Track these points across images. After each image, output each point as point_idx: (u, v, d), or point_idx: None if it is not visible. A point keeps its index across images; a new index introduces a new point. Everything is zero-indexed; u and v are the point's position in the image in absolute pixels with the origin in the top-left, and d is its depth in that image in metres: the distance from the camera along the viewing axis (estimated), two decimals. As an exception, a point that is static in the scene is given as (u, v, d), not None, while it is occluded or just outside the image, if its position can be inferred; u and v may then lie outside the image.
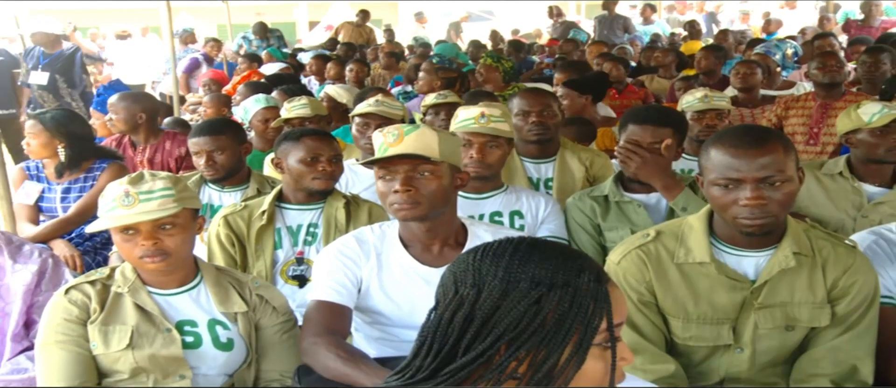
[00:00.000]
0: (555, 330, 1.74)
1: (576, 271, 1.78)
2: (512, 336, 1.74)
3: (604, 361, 1.77)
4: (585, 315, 1.75)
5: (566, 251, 1.83)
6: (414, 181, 3.21)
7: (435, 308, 1.87)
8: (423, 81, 8.95)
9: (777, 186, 2.88)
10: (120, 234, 3.15)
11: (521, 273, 1.77)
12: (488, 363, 1.77)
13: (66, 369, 3.10)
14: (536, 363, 1.75)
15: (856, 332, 3.01)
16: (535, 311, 1.74)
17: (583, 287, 1.76)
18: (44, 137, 5.70)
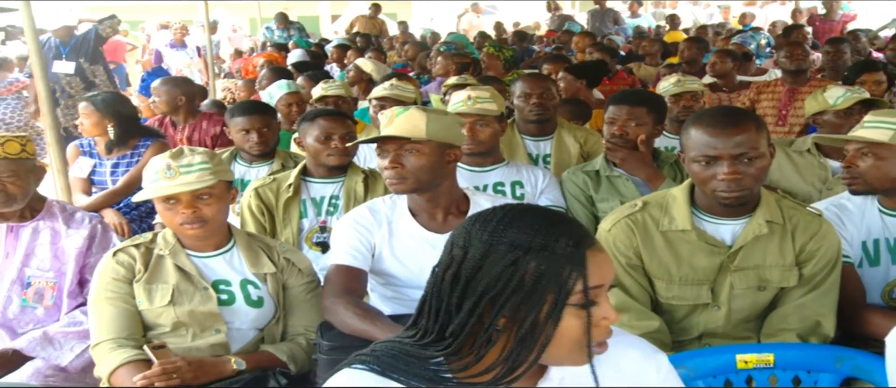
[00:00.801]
0: (532, 290, 1.72)
1: (555, 236, 1.75)
2: (493, 295, 1.73)
3: (582, 320, 1.74)
4: (560, 277, 1.72)
5: (552, 218, 1.80)
6: (401, 158, 3.26)
7: (436, 267, 1.85)
8: (440, 66, 8.98)
9: (751, 162, 2.89)
10: (162, 203, 3.19)
11: (503, 236, 1.75)
12: (481, 322, 1.75)
13: (115, 322, 3.15)
14: (518, 320, 1.73)
15: (820, 291, 3.03)
16: (511, 271, 1.72)
17: (559, 251, 1.73)
18: (95, 117, 5.73)
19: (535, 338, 1.73)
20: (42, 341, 3.61)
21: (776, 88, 7.32)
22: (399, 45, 13.28)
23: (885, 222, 3.40)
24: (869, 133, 3.33)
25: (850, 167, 3.40)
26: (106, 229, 3.99)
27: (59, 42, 9.62)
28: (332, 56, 12.36)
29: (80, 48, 9.44)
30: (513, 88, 5.36)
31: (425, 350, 1.81)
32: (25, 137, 3.79)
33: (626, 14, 18.43)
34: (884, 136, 3.27)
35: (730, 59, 8.48)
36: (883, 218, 3.41)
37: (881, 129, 3.30)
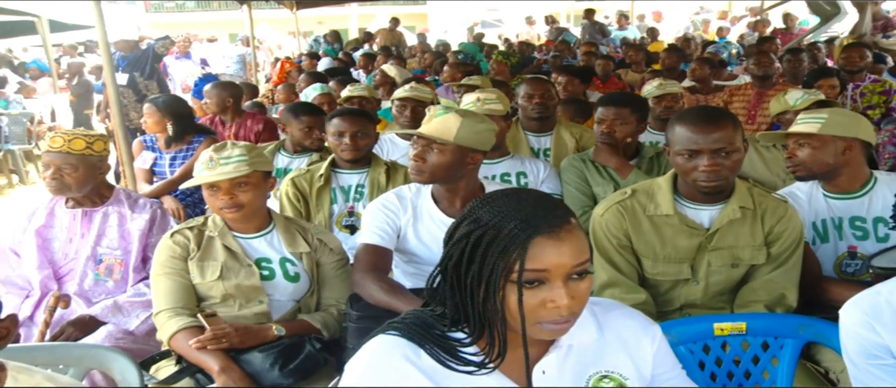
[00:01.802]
0: (482, 261, 1.69)
1: (508, 218, 1.69)
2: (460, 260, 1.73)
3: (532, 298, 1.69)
4: (499, 254, 1.67)
5: (523, 203, 1.74)
6: (425, 154, 3.24)
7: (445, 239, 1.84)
8: (447, 74, 8.98)
9: (728, 155, 2.93)
10: (206, 190, 3.22)
11: (474, 213, 1.74)
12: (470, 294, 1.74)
13: (173, 294, 3.16)
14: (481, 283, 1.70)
15: (785, 268, 3.04)
16: (465, 242, 1.71)
17: (504, 231, 1.68)
18: (156, 117, 5.83)
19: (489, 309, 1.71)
20: (113, 309, 3.66)
21: (746, 91, 7.36)
22: (419, 55, 13.27)
23: (829, 205, 3.46)
24: (801, 127, 3.45)
25: (792, 157, 3.49)
26: (165, 213, 4.04)
27: (120, 56, 9.43)
28: (359, 63, 12.34)
29: (137, 63, 9.21)
30: (517, 90, 5.36)
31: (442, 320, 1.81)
32: (95, 137, 3.83)
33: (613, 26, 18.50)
34: (813, 128, 3.38)
35: (707, 66, 8.58)
36: (827, 201, 3.47)
37: (811, 123, 3.41)
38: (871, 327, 2.21)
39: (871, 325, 2.21)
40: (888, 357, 2.21)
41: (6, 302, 3.40)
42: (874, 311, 2.22)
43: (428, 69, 11.34)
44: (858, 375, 2.29)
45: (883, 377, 2.22)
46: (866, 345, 2.23)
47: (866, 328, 2.22)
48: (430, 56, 12.44)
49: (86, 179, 3.78)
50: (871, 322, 2.21)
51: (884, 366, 2.22)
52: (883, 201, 3.38)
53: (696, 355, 2.68)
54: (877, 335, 2.20)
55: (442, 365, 1.76)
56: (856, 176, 3.43)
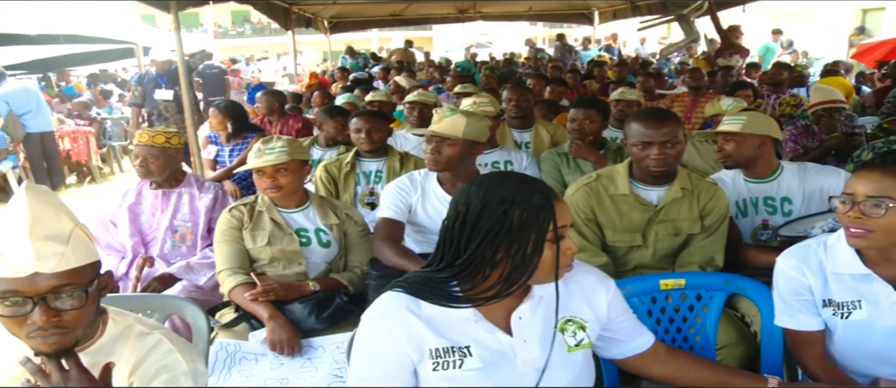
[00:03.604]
0: (519, 232, 1.71)
1: (531, 192, 1.73)
2: (491, 237, 1.71)
3: (554, 250, 1.73)
4: (538, 221, 1.71)
5: (526, 179, 1.79)
6: (440, 148, 3.24)
7: (445, 219, 1.83)
8: (449, 83, 9.11)
9: (673, 146, 2.96)
10: (255, 174, 3.22)
11: (494, 194, 1.73)
12: (483, 256, 1.73)
13: (230, 257, 3.16)
14: (511, 254, 1.72)
15: (715, 236, 3.05)
16: (503, 219, 1.71)
17: (535, 203, 1.71)
18: (219, 117, 5.85)
19: (526, 266, 1.72)
20: (186, 268, 3.68)
21: (683, 98, 7.47)
22: (426, 69, 13.24)
23: (748, 187, 3.49)
24: (727, 126, 3.47)
25: (721, 150, 3.52)
26: (225, 193, 4.06)
27: (156, 74, 8.94)
28: (379, 75, 12.34)
29: (175, 78, 8.54)
30: (503, 96, 5.39)
31: (441, 275, 1.79)
32: (173, 133, 3.90)
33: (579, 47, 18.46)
34: (736, 127, 3.41)
35: (651, 79, 8.69)
36: (746, 184, 3.49)
37: (735, 123, 3.44)
38: (802, 271, 2.27)
39: (801, 269, 2.28)
40: (808, 294, 2.28)
41: (106, 262, 3.67)
42: (805, 259, 2.29)
43: (433, 80, 11.29)
44: (783, 306, 2.34)
45: (801, 308, 2.29)
46: (795, 285, 2.29)
47: (798, 271, 2.28)
48: (434, 70, 12.40)
49: (165, 167, 3.84)
50: (802, 267, 2.28)
51: (804, 301, 2.29)
52: (787, 185, 3.42)
53: (646, 305, 2.66)
54: (804, 277, 2.27)
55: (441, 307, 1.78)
56: (768, 165, 3.45)
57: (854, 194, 2.09)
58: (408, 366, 1.77)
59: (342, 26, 16.14)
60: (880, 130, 5.63)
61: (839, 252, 2.22)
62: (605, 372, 2.47)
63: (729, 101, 5.11)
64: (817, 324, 2.29)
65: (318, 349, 2.89)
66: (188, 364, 1.79)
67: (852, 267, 2.19)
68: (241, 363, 2.84)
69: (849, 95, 8.20)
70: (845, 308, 2.22)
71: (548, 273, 1.76)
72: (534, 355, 1.81)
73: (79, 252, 1.62)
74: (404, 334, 1.75)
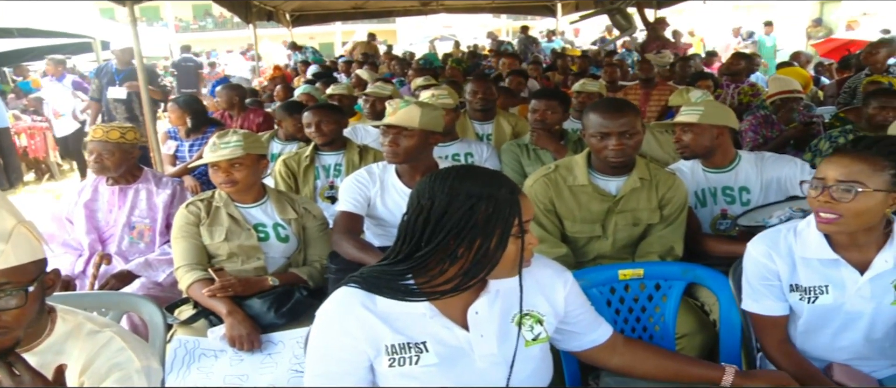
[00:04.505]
0: (484, 226, 1.69)
1: (497, 186, 1.72)
2: (456, 231, 1.69)
3: (517, 245, 1.72)
4: (504, 216, 1.70)
5: (492, 174, 1.78)
6: (397, 140, 3.21)
7: (406, 214, 1.80)
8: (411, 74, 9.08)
9: (631, 137, 2.95)
10: (210, 168, 3.18)
11: (461, 188, 1.71)
12: (444, 251, 1.71)
13: (188, 253, 3.13)
14: (474, 248, 1.70)
15: (674, 226, 3.06)
16: (470, 214, 1.68)
17: (502, 198, 1.70)
18: (178, 112, 5.84)
19: (488, 260, 1.71)
20: (144, 265, 3.65)
21: (636, 90, 7.53)
22: (388, 62, 13.18)
23: (706, 177, 3.51)
24: (684, 117, 3.47)
25: (679, 141, 3.51)
26: (183, 189, 4.02)
27: (115, 68, 8.37)
28: (341, 68, 12.28)
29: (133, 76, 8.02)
30: (465, 88, 5.41)
31: (398, 268, 1.77)
32: (127, 128, 3.84)
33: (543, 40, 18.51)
34: (694, 118, 3.42)
35: (617, 70, 8.92)
36: (706, 175, 3.51)
37: (692, 114, 3.44)
38: (771, 256, 2.30)
39: (771, 255, 2.30)
40: (776, 280, 2.31)
41: (63, 260, 3.64)
42: (775, 245, 2.31)
43: (395, 73, 11.26)
44: (750, 291, 2.37)
45: (767, 293, 2.32)
46: (762, 270, 2.32)
47: (767, 257, 2.30)
48: (396, 63, 12.37)
49: (121, 162, 3.78)
50: (772, 253, 2.30)
51: (770, 286, 2.32)
52: (745, 174, 3.46)
53: (605, 295, 2.66)
54: (773, 263, 2.30)
55: (397, 301, 1.77)
56: (726, 155, 3.47)
57: (824, 179, 2.10)
58: (364, 362, 1.75)
59: (304, 19, 16.10)
60: (837, 120, 5.73)
61: (809, 238, 2.25)
62: (566, 365, 2.47)
63: (697, 93, 5.13)
64: (782, 309, 2.33)
65: (278, 344, 2.87)
66: (141, 362, 1.76)
67: (821, 252, 2.22)
68: (201, 359, 2.81)
69: (806, 86, 8.31)
70: (812, 293, 2.26)
71: (509, 268, 1.75)
72: (491, 350, 1.80)
73: (20, 250, 1.58)
74: (359, 330, 1.74)
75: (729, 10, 24.92)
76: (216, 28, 39.77)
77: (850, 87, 6.93)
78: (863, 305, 2.23)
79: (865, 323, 2.25)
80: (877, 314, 2.23)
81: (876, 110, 4.59)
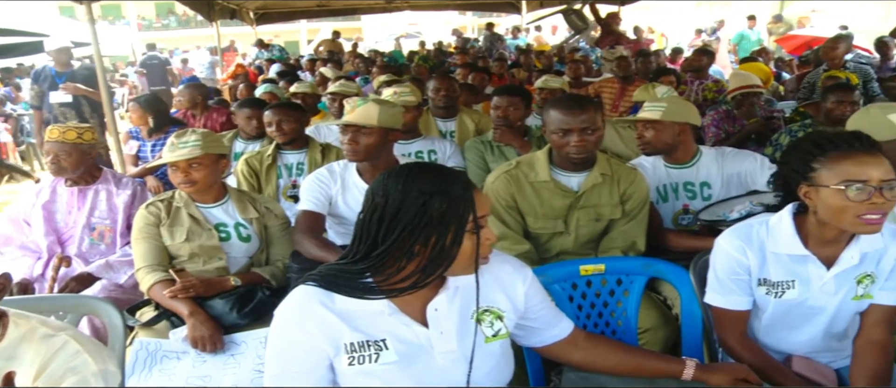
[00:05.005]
0: (439, 223, 1.68)
1: (450, 182, 1.72)
2: (411, 229, 1.69)
3: (473, 241, 1.72)
4: (458, 212, 1.69)
5: (444, 170, 1.78)
6: (357, 138, 3.19)
7: (361, 213, 1.80)
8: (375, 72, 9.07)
9: (593, 133, 2.94)
10: (169, 168, 3.15)
11: (413, 186, 1.70)
12: (400, 249, 1.71)
13: (149, 254, 3.09)
14: (430, 245, 1.70)
15: (636, 221, 3.07)
16: (423, 211, 1.68)
17: (455, 193, 1.70)
18: (140, 112, 5.77)
19: (444, 256, 1.70)
20: (105, 267, 3.59)
21: (612, 85, 7.51)
22: (352, 60, 13.14)
23: (668, 173, 3.54)
24: (647, 114, 3.49)
25: (641, 137, 3.53)
26: (144, 189, 3.98)
27: (55, 72, 7.73)
28: (306, 67, 12.20)
29: (76, 77, 7.64)
30: (428, 85, 5.39)
31: (356, 267, 1.77)
32: (85, 128, 3.79)
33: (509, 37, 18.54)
34: (656, 115, 3.44)
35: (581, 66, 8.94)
36: (667, 170, 3.54)
37: (655, 110, 3.46)
38: (743, 250, 2.29)
39: (743, 249, 2.29)
40: (745, 275, 2.31)
41: (22, 264, 3.60)
42: (748, 239, 2.30)
43: (360, 71, 11.23)
44: (716, 285, 2.37)
45: (735, 288, 2.33)
46: (734, 264, 2.31)
47: (739, 251, 2.30)
48: (360, 61, 12.34)
49: (79, 163, 3.72)
50: (744, 246, 2.29)
51: (739, 281, 2.32)
52: (706, 170, 3.49)
53: (566, 291, 2.67)
54: (744, 257, 2.29)
55: (355, 299, 1.76)
56: (687, 151, 3.50)
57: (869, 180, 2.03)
58: (323, 361, 1.74)
59: (269, 17, 15.95)
60: (797, 115, 5.81)
61: (781, 233, 2.26)
62: (529, 362, 2.49)
63: (663, 89, 5.19)
64: (746, 304, 2.34)
65: (240, 344, 2.85)
66: (98, 365, 1.74)
67: (792, 248, 2.24)
68: (163, 361, 2.78)
69: (767, 81, 8.40)
70: (779, 288, 2.28)
71: (466, 264, 1.75)
72: (451, 346, 1.80)
73: None
74: (318, 328, 1.73)
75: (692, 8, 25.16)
76: (180, 26, 39.42)
77: (810, 82, 7.02)
78: (826, 300, 2.26)
79: (827, 317, 2.29)
80: (838, 309, 2.27)
81: (833, 105, 4.66)
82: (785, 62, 11.66)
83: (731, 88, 5.84)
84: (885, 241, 2.22)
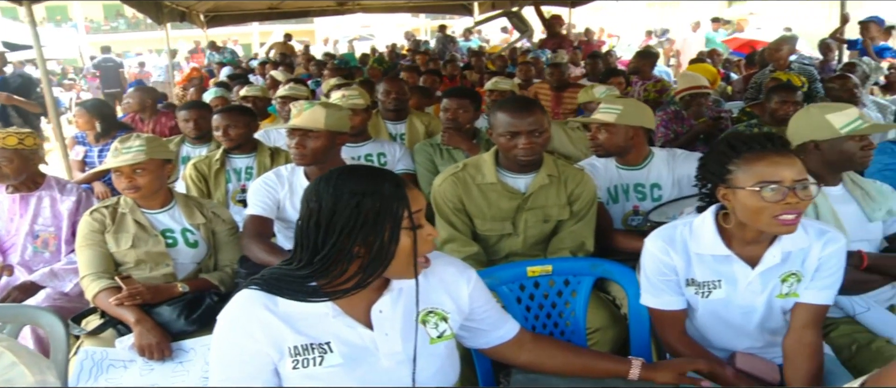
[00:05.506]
0: (374, 222, 1.69)
1: (380, 181, 1.72)
2: (348, 230, 1.68)
3: (412, 238, 1.73)
4: (391, 209, 1.70)
5: (374, 171, 1.78)
6: (304, 142, 3.18)
7: (299, 220, 1.80)
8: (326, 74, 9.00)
9: (540, 135, 2.97)
10: (113, 174, 3.10)
11: (345, 188, 1.71)
12: (341, 250, 1.70)
13: (93, 261, 3.04)
14: (368, 244, 1.69)
15: (584, 222, 3.10)
16: (357, 212, 1.68)
17: (386, 192, 1.70)
18: (86, 117, 5.66)
19: (383, 256, 1.71)
20: (50, 275, 3.54)
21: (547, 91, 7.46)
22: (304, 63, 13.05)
23: (619, 174, 3.55)
24: (601, 116, 3.51)
25: (594, 139, 3.55)
26: (89, 195, 3.90)
27: None
28: (257, 70, 12.07)
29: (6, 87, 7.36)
30: (378, 88, 5.38)
31: (300, 272, 1.76)
32: (25, 134, 3.72)
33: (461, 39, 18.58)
34: (610, 117, 3.45)
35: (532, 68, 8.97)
36: (619, 171, 3.55)
37: (609, 112, 3.48)
38: (667, 251, 2.32)
39: (667, 250, 2.32)
40: (673, 275, 2.34)
41: None
42: (671, 240, 2.33)
43: (312, 74, 11.18)
44: (649, 287, 2.40)
45: (665, 288, 2.36)
46: (660, 266, 2.34)
47: (663, 252, 2.33)
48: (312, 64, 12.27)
49: (21, 169, 3.65)
50: (668, 248, 2.32)
51: (668, 281, 2.35)
52: (657, 171, 3.52)
53: (514, 292, 2.68)
54: (670, 258, 2.32)
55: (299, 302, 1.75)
56: (640, 153, 3.53)
57: (783, 181, 2.07)
58: (267, 365, 1.73)
59: (219, 20, 15.80)
60: (744, 115, 5.91)
61: (703, 234, 2.29)
62: (478, 364, 2.49)
63: (602, 89, 5.26)
64: (680, 303, 2.37)
65: (189, 351, 2.82)
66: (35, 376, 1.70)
67: (715, 248, 2.27)
68: (109, 370, 2.74)
69: (714, 81, 8.55)
70: (706, 287, 2.32)
71: (407, 263, 1.75)
72: (396, 348, 1.80)
73: None
74: (262, 332, 1.72)
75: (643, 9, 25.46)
76: (129, 29, 38.80)
77: (756, 82, 7.15)
78: (753, 298, 2.30)
79: (758, 315, 2.33)
80: (768, 307, 2.32)
81: (777, 105, 4.77)
82: (733, 63, 11.85)
83: (678, 89, 5.93)
84: (810, 239, 2.27)
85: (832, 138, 2.76)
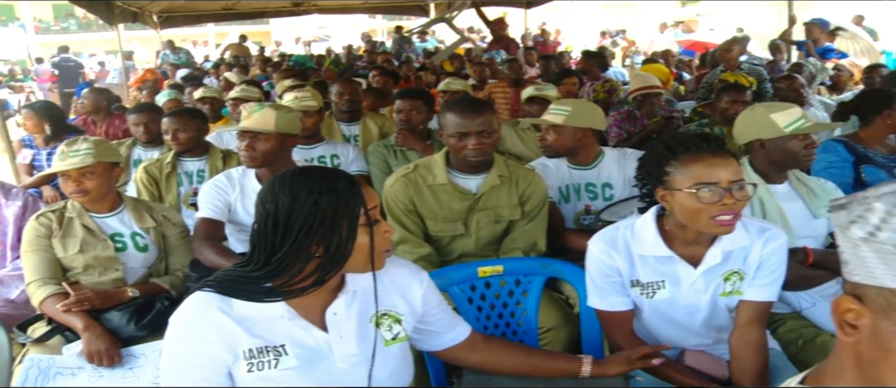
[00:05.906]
0: (332, 220, 1.69)
1: (335, 180, 1.73)
2: (306, 229, 1.68)
3: (369, 235, 1.74)
4: (348, 207, 1.70)
5: (328, 171, 1.78)
6: (254, 144, 3.18)
7: (255, 222, 1.78)
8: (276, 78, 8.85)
9: (489, 136, 2.98)
10: (60, 177, 3.06)
11: (300, 187, 1.70)
12: (299, 250, 1.70)
13: (40, 267, 2.99)
14: (326, 243, 1.70)
15: (535, 221, 3.11)
16: (314, 210, 1.68)
17: (341, 189, 1.71)
18: (35, 120, 5.54)
19: (341, 253, 1.71)
20: None
21: (505, 89, 7.56)
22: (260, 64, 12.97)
23: (571, 174, 3.58)
24: (550, 117, 3.54)
25: (543, 140, 3.59)
26: (36, 200, 3.81)
27: None
28: (212, 72, 12.01)
29: None
30: (331, 89, 5.39)
31: (257, 274, 1.75)
32: None
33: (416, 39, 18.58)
34: (559, 119, 3.49)
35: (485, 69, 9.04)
36: (570, 171, 3.58)
37: (558, 114, 3.52)
38: (610, 253, 2.33)
39: (609, 252, 2.33)
40: (617, 276, 2.35)
41: None
42: (613, 242, 2.34)
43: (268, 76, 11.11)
44: (594, 288, 2.40)
45: (611, 290, 2.36)
46: (603, 267, 2.34)
47: (606, 254, 2.33)
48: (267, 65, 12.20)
49: None
50: (610, 250, 2.33)
51: (613, 283, 2.36)
52: (608, 171, 3.56)
53: (466, 293, 2.70)
54: (611, 260, 2.33)
55: (253, 304, 1.74)
56: (590, 153, 3.56)
57: (719, 182, 2.09)
58: (221, 368, 1.72)
59: (173, 21, 15.60)
60: (695, 114, 6.00)
61: (645, 235, 2.31)
62: (430, 365, 2.51)
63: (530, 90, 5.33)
64: (626, 304, 2.38)
65: (139, 357, 2.78)
66: None
67: (656, 249, 2.29)
68: (56, 378, 2.69)
69: (667, 81, 8.65)
70: (651, 288, 2.34)
71: (365, 259, 1.75)
72: (351, 350, 1.80)
73: None
74: (216, 335, 1.70)
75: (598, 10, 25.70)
76: (80, 29, 38.21)
77: (708, 82, 7.26)
78: (697, 298, 2.33)
79: (704, 313, 2.36)
80: (712, 305, 2.34)
81: (727, 104, 4.85)
82: (685, 63, 12.01)
83: (631, 89, 5.99)
84: (751, 237, 2.30)
85: (777, 137, 2.81)
